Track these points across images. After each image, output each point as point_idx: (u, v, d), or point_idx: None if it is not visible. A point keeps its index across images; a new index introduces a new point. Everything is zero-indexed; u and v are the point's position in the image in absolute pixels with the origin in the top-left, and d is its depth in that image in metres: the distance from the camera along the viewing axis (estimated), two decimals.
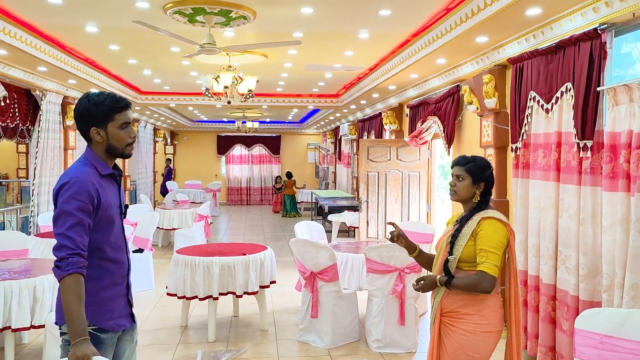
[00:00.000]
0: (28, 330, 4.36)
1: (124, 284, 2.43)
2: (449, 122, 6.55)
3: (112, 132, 2.33)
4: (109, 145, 2.35)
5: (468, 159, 2.90)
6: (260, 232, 12.77)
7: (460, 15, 4.51)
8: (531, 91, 4.51)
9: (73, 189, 2.20)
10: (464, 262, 2.76)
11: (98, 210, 2.25)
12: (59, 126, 8.05)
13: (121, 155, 2.39)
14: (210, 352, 4.81)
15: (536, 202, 4.44)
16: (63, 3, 4.52)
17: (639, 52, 4.72)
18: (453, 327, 2.79)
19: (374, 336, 4.89)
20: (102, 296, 2.30)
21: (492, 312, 2.76)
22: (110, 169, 2.38)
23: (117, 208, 2.39)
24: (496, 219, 2.76)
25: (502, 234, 2.72)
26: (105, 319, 2.30)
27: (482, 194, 2.86)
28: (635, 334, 2.55)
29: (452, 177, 2.91)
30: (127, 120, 2.37)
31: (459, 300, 2.77)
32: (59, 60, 6.46)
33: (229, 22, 4.88)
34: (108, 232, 2.32)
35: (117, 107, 2.32)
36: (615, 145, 3.52)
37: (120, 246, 2.41)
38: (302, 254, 4.99)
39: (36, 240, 6.14)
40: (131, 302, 2.49)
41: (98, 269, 2.29)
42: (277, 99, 11.36)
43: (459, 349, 2.76)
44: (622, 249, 3.41)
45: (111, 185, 2.39)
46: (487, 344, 2.77)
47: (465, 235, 2.76)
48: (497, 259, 2.67)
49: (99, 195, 2.26)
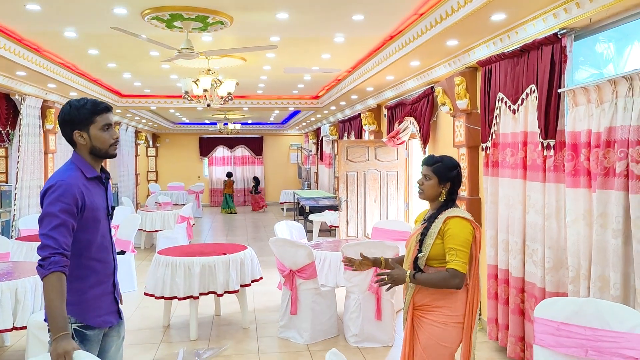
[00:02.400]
0: (10, 332, 4.43)
1: (110, 282, 2.53)
2: (425, 123, 6.73)
3: (94, 134, 2.43)
4: (92, 147, 2.45)
5: (436, 159, 3.00)
6: (243, 232, 12.85)
7: (430, 20, 4.67)
8: (499, 92, 4.69)
9: (58, 192, 2.29)
10: (432, 260, 2.88)
11: (83, 212, 2.35)
12: (39, 130, 8.07)
13: (105, 155, 2.49)
14: (192, 350, 4.91)
15: (505, 199, 4.63)
16: (42, 9, 4.59)
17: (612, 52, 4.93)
18: (425, 319, 2.91)
19: (352, 331, 5.03)
20: (89, 294, 2.40)
21: (460, 304, 2.88)
22: (96, 172, 2.48)
23: (103, 210, 2.48)
24: (461, 217, 2.87)
25: (468, 232, 2.84)
26: (93, 316, 2.40)
27: (449, 192, 2.97)
28: (589, 321, 2.71)
29: (421, 176, 3.03)
30: (109, 122, 2.46)
31: (431, 294, 2.89)
32: (38, 65, 6.50)
33: (207, 27, 4.99)
34: (94, 233, 2.42)
35: (97, 110, 2.43)
36: (576, 144, 3.70)
37: (106, 246, 2.51)
38: (281, 253, 5.11)
39: (18, 243, 6.18)
40: (118, 299, 2.59)
41: (85, 269, 2.40)
42: (258, 101, 11.46)
43: (431, 339, 2.89)
44: (586, 242, 3.59)
45: (98, 187, 2.49)
46: (457, 334, 2.90)
47: (432, 234, 2.88)
48: (465, 256, 2.81)
49: (84, 198, 2.35)
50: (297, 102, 11.46)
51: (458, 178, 3.01)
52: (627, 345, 2.59)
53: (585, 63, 5.20)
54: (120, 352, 2.65)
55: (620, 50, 4.53)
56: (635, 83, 3.14)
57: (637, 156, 3.11)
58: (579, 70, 5.15)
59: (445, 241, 2.84)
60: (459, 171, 3.03)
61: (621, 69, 4.43)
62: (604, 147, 3.36)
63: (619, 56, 4.70)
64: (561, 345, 2.77)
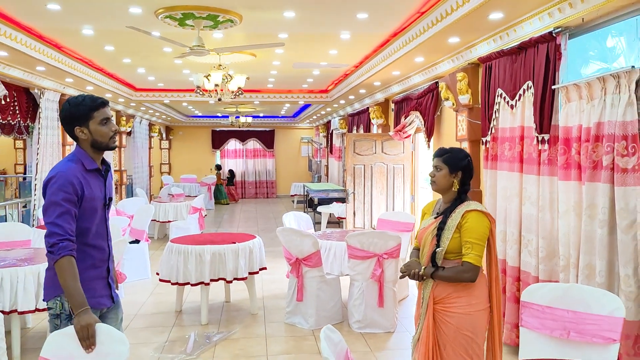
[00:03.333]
0: (32, 314, 4.71)
1: (104, 267, 2.71)
2: (429, 117, 6.90)
3: (94, 129, 2.59)
4: (93, 141, 2.61)
5: (445, 150, 3.07)
6: (254, 224, 13.11)
7: (432, 18, 4.84)
8: (498, 88, 4.85)
9: (59, 182, 2.48)
10: (450, 253, 2.92)
11: (82, 202, 2.53)
12: (57, 123, 8.36)
13: (106, 147, 2.66)
14: (203, 334, 5.16)
15: (503, 192, 4.80)
16: (61, 9, 4.83)
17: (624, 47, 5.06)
18: (449, 312, 2.92)
19: (355, 317, 5.25)
20: (83, 277, 2.53)
21: (481, 291, 2.95)
22: (95, 164, 2.65)
23: (100, 200, 2.66)
24: (479, 211, 2.93)
25: (485, 226, 2.90)
26: (86, 297, 2.50)
27: (461, 182, 3.02)
28: (573, 305, 2.89)
29: (432, 169, 3.10)
30: (106, 116, 2.63)
31: (451, 285, 2.93)
32: (57, 60, 6.77)
33: (217, 25, 5.21)
34: (91, 221, 2.60)
35: (94, 105, 2.60)
36: (568, 138, 3.87)
37: (102, 234, 2.69)
38: (288, 242, 5.34)
39: (38, 231, 6.47)
40: (111, 284, 2.77)
41: (80, 253, 2.56)
42: (269, 95, 11.68)
43: (458, 331, 2.90)
44: (575, 232, 3.77)
45: (96, 179, 2.66)
46: (482, 321, 2.94)
47: (450, 228, 2.91)
48: (481, 250, 2.88)
49: (83, 188, 2.53)
50: (307, 96, 11.66)
51: (469, 167, 3.05)
52: (607, 327, 2.77)
53: (595, 57, 5.35)
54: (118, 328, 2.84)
55: (632, 44, 4.65)
56: (622, 81, 3.30)
57: (622, 150, 3.28)
58: (588, 64, 5.30)
59: (462, 234, 2.89)
60: (469, 160, 3.07)
61: (632, 62, 4.57)
62: (593, 142, 3.53)
63: (630, 50, 4.83)
64: (545, 328, 2.94)
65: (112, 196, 2.80)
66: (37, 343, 4.91)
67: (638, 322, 3.27)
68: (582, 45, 4.49)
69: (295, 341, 5.03)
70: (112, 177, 2.86)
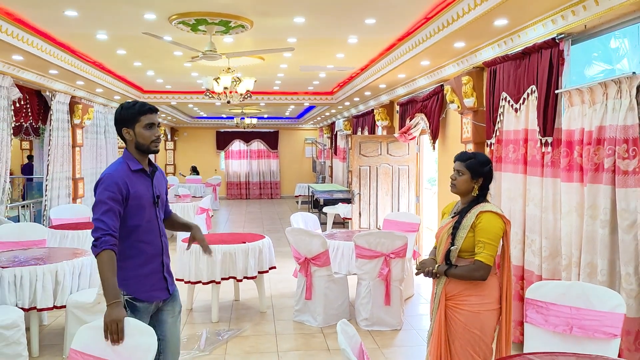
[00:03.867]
0: (50, 311, 4.85)
1: (159, 261, 2.90)
2: (434, 119, 7.03)
3: (138, 131, 2.80)
4: (137, 143, 2.82)
5: (469, 155, 3.13)
6: (259, 224, 13.25)
7: (438, 24, 4.97)
8: (503, 92, 4.98)
9: (105, 183, 2.70)
10: (464, 252, 3.02)
11: (128, 200, 2.74)
12: (67, 124, 8.51)
13: (147, 150, 2.86)
14: (214, 331, 5.30)
15: (507, 193, 4.93)
16: (78, 15, 4.98)
17: (627, 48, 5.19)
18: (459, 309, 3.04)
19: (363, 315, 5.38)
20: (138, 271, 2.79)
21: (492, 291, 3.06)
22: (140, 165, 2.85)
23: (148, 198, 2.85)
24: (493, 212, 3.01)
25: (498, 227, 2.98)
26: (141, 291, 2.78)
27: (480, 187, 3.09)
28: (575, 301, 3.02)
29: (454, 172, 3.18)
30: (152, 122, 2.83)
31: (462, 284, 3.04)
32: (69, 63, 6.92)
33: (229, 30, 5.35)
34: (139, 218, 2.80)
35: (142, 110, 2.81)
36: (571, 141, 4.00)
37: (153, 230, 2.87)
38: (297, 242, 5.47)
39: (51, 231, 6.62)
40: (167, 277, 2.95)
41: (134, 249, 2.79)
42: (275, 97, 11.83)
43: (466, 328, 3.02)
44: (577, 232, 3.89)
45: (142, 178, 2.85)
46: (490, 321, 3.03)
47: (465, 227, 3.01)
48: (493, 250, 2.98)
49: (128, 188, 2.74)
50: (312, 98, 11.80)
51: (490, 174, 3.12)
52: (608, 323, 2.89)
53: (599, 59, 5.48)
54: (177, 325, 3.02)
55: (635, 47, 4.77)
56: (623, 86, 3.43)
57: (622, 153, 3.40)
58: (591, 66, 5.43)
59: (476, 234, 2.98)
60: (491, 167, 3.16)
61: (635, 66, 4.69)
62: (595, 145, 3.66)
63: (633, 52, 4.96)
64: (549, 324, 3.07)
65: (161, 194, 2.96)
66: (53, 339, 5.05)
67: (639, 318, 3.39)
68: (586, 47, 4.59)
69: (304, 338, 5.16)
70: (163, 178, 3.04)
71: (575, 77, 4.32)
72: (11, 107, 6.72)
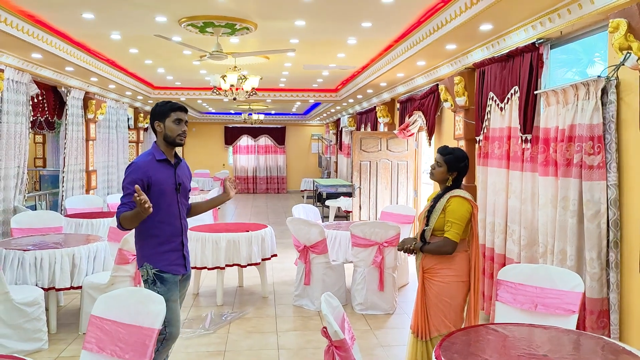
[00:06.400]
0: (67, 291, 5.25)
1: (178, 241, 3.35)
2: (431, 117, 7.37)
3: (168, 125, 3.26)
4: (165, 135, 3.28)
5: (449, 150, 3.65)
6: (264, 218, 13.64)
7: (429, 28, 5.31)
8: (490, 92, 5.31)
9: (131, 169, 3.21)
10: (437, 231, 3.54)
11: (151, 186, 3.19)
12: (81, 119, 8.92)
13: (173, 143, 3.29)
14: (219, 313, 5.68)
15: (492, 186, 5.26)
16: (95, 17, 5.36)
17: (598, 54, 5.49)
18: (433, 280, 3.57)
19: (358, 300, 5.74)
20: (160, 248, 3.26)
21: (462, 266, 3.54)
22: (164, 156, 3.29)
23: (169, 185, 3.28)
24: (461, 196, 3.53)
25: (465, 209, 3.49)
26: (164, 265, 3.26)
27: (454, 180, 3.62)
28: (541, 282, 3.36)
29: (434, 162, 3.68)
30: (180, 118, 3.27)
31: (435, 258, 3.56)
32: (84, 61, 7.32)
33: (234, 32, 5.71)
34: (161, 202, 3.23)
35: (174, 107, 3.28)
36: (547, 138, 4.33)
37: (173, 213, 3.32)
38: (296, 231, 5.84)
39: (67, 220, 7.03)
40: (186, 256, 3.40)
41: (156, 229, 3.25)
42: (280, 94, 12.19)
43: (438, 296, 3.55)
44: (552, 222, 4.23)
45: (165, 168, 3.30)
46: (459, 291, 3.55)
47: (437, 210, 3.53)
48: (459, 228, 3.47)
49: (150, 175, 3.19)
50: (317, 95, 12.15)
51: (465, 169, 3.64)
52: (568, 300, 3.24)
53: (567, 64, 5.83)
54: (183, 296, 3.55)
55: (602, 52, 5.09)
56: (591, 88, 3.76)
57: (589, 149, 3.73)
58: (564, 69, 5.77)
59: (446, 215, 3.48)
60: (467, 163, 3.66)
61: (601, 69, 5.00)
62: (567, 142, 3.98)
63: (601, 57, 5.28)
64: (517, 302, 3.42)
65: (183, 183, 3.39)
66: (69, 319, 5.46)
67: (601, 299, 3.73)
68: (564, 51, 4.92)
69: (302, 320, 5.53)
70: (187, 169, 3.48)
71: (557, 79, 4.64)
72: (29, 103, 7.13)
